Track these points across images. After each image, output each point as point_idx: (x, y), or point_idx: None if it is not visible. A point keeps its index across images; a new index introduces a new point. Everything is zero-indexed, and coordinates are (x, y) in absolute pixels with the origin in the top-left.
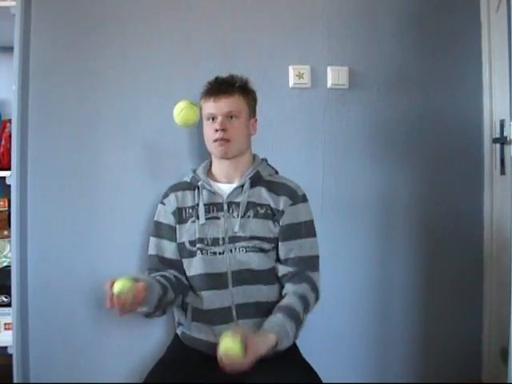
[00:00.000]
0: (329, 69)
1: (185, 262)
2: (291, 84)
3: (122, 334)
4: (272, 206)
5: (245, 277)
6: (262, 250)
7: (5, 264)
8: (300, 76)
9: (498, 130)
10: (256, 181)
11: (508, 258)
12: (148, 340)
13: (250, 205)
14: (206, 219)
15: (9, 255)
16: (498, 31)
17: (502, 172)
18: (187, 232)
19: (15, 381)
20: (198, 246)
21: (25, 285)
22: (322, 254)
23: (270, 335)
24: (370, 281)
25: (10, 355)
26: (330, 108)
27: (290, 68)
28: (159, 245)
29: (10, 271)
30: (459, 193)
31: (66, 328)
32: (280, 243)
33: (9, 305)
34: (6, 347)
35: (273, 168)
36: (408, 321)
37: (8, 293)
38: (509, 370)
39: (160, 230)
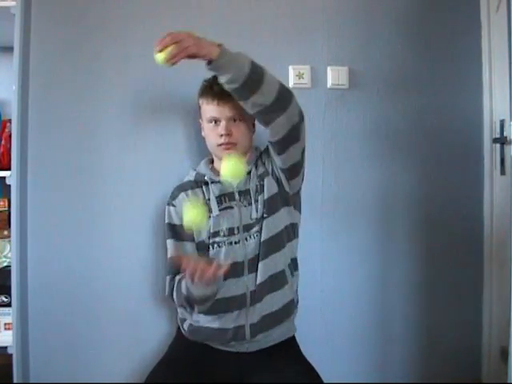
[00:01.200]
0: (329, 69)
1: (203, 256)
2: (291, 84)
3: (122, 333)
4: (264, 169)
5: (259, 260)
6: (263, 220)
7: (5, 264)
8: (300, 76)
9: (498, 129)
10: (256, 166)
11: (508, 258)
12: (148, 339)
13: (256, 188)
14: (220, 210)
15: (9, 255)
16: (498, 31)
17: (502, 172)
18: (204, 228)
19: (15, 381)
20: (214, 239)
21: (25, 285)
22: (321, 254)
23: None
24: (370, 281)
25: (10, 355)
26: (329, 108)
27: (290, 68)
28: (180, 246)
29: (9, 271)
30: (459, 193)
31: (65, 328)
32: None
33: (9, 305)
34: (5, 347)
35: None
36: (408, 321)
37: (8, 293)
38: (509, 369)
39: (176, 232)
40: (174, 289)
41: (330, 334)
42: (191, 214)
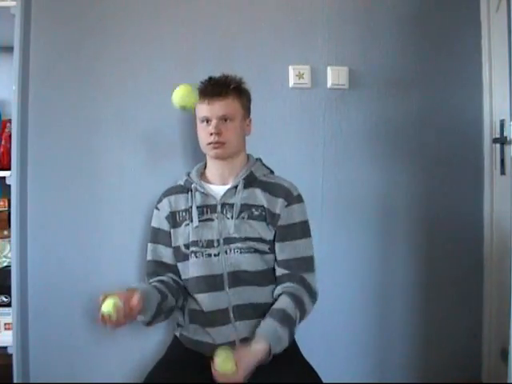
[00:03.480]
0: (329, 69)
1: (180, 265)
2: (291, 84)
3: (121, 334)
4: (266, 207)
5: (240, 278)
6: (257, 251)
7: (5, 264)
8: (300, 76)
9: (498, 129)
10: (250, 182)
11: (508, 258)
12: (148, 341)
13: (245, 206)
14: (200, 221)
15: (9, 255)
16: (498, 31)
17: (502, 172)
18: (182, 236)
19: (15, 381)
20: (192, 248)
21: (25, 285)
22: (321, 254)
23: (261, 345)
24: (370, 281)
25: (10, 355)
26: (329, 108)
27: (290, 68)
28: (156, 250)
29: (9, 271)
30: (459, 193)
31: (65, 328)
32: (276, 244)
33: (9, 305)
34: (5, 347)
35: (268, 168)
36: (408, 321)
37: (8, 293)
38: (509, 369)
39: (156, 236)
40: None
41: (330, 335)
42: (181, 93)
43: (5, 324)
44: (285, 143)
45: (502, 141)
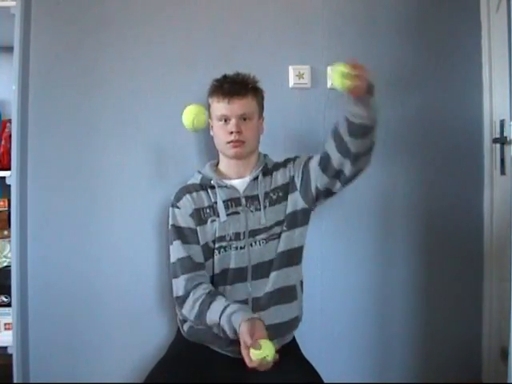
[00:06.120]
0: (329, 69)
1: (209, 260)
2: (291, 84)
3: (122, 333)
4: (282, 182)
5: (262, 269)
6: (278, 236)
7: (5, 264)
8: (300, 76)
9: (497, 129)
10: (265, 172)
11: (508, 258)
12: (149, 339)
13: (265, 195)
14: (227, 215)
15: (9, 255)
16: (498, 31)
17: (502, 172)
18: (209, 232)
19: (15, 381)
20: (220, 244)
21: (25, 285)
22: (321, 254)
23: None
24: (370, 280)
25: (10, 355)
26: (330, 108)
27: (290, 68)
28: (187, 247)
29: (9, 271)
30: (459, 192)
31: (65, 328)
32: (314, 166)
33: (9, 305)
34: (6, 347)
35: (273, 161)
36: (408, 321)
37: (8, 293)
38: (509, 369)
39: (182, 234)
40: (199, 302)
41: (330, 334)
42: (191, 115)
43: (5, 324)
44: (285, 143)
45: (501, 141)
